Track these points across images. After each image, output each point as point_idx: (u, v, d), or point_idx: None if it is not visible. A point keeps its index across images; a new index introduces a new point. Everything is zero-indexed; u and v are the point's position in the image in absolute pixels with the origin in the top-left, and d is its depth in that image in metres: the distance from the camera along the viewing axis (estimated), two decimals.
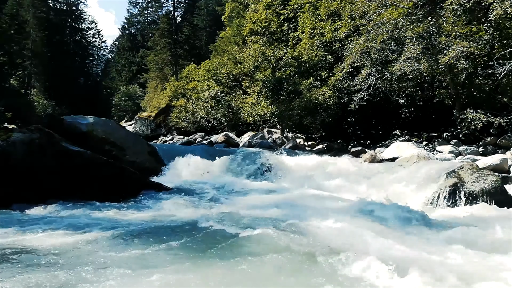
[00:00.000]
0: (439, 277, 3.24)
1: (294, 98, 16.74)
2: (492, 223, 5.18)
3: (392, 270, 3.35)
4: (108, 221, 5.15)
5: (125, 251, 3.90)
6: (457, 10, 11.76)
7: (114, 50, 59.32)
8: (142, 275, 3.26)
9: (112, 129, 10.07)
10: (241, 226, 4.86)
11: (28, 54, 33.84)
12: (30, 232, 4.54)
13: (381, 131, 15.30)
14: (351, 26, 15.78)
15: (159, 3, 52.20)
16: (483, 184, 6.71)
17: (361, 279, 3.27)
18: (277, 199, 7.07)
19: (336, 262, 3.59)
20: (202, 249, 3.94)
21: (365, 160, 11.45)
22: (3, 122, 18.71)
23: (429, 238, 4.64)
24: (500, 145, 11.47)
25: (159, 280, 3.17)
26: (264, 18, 20.90)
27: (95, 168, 7.08)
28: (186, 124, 26.43)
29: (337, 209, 6.06)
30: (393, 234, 4.70)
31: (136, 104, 42.32)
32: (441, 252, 4.02)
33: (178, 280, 3.17)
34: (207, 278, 3.22)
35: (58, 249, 3.94)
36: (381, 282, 3.22)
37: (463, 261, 3.71)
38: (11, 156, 6.32)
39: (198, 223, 4.99)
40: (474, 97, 12.48)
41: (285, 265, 3.55)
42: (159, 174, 9.81)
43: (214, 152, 12.67)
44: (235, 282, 3.18)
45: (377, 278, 3.26)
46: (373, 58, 14.12)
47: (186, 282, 3.14)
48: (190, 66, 29.67)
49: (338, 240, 4.38)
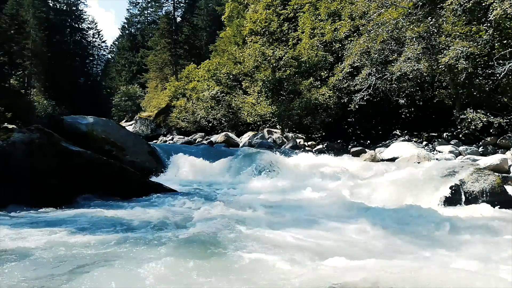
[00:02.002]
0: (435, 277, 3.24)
1: (294, 98, 16.75)
2: (491, 223, 5.18)
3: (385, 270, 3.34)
4: (108, 221, 5.15)
5: (124, 251, 3.90)
6: (457, 10, 11.76)
7: (114, 50, 59.41)
8: (142, 275, 3.26)
9: (112, 129, 10.09)
10: (241, 226, 4.86)
11: (28, 54, 33.85)
12: (29, 232, 4.53)
13: (381, 131, 15.30)
14: (351, 26, 15.78)
15: (159, 3, 52.23)
16: (483, 184, 6.71)
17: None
18: (277, 199, 7.06)
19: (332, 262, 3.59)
20: (202, 248, 3.94)
21: (365, 160, 11.45)
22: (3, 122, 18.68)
23: (428, 238, 4.64)
24: (500, 145, 11.47)
25: (159, 280, 3.17)
26: (264, 18, 20.90)
27: (95, 168, 7.08)
28: (186, 124, 26.44)
29: (337, 209, 6.05)
30: (392, 234, 4.70)
31: (136, 104, 42.35)
32: (441, 252, 4.03)
33: (179, 280, 3.17)
34: (206, 278, 3.23)
35: (58, 249, 3.94)
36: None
37: (463, 261, 3.71)
38: (11, 156, 6.32)
39: (198, 223, 4.99)
40: (474, 97, 12.48)
41: (283, 265, 3.55)
42: (159, 174, 9.82)
43: (214, 152, 12.69)
44: (235, 283, 3.18)
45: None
46: (373, 58, 14.12)
47: (186, 282, 3.15)
48: (190, 66, 29.69)
49: (338, 241, 4.39)
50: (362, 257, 3.57)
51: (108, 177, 7.15)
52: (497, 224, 5.11)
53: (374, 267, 3.31)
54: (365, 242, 4.38)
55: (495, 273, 3.31)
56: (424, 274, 3.15)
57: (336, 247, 4.14)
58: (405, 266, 3.36)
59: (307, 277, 3.21)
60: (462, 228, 4.96)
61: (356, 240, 4.44)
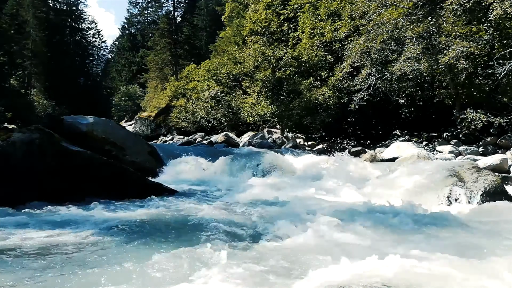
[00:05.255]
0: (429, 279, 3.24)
1: (294, 98, 16.75)
2: (491, 224, 5.18)
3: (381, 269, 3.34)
4: (108, 221, 5.15)
5: (124, 251, 3.91)
6: (457, 10, 11.77)
7: (114, 50, 59.44)
8: (143, 275, 3.27)
9: (112, 129, 10.07)
10: (241, 226, 4.86)
11: (28, 54, 33.86)
12: (29, 232, 4.54)
13: (381, 131, 15.31)
14: (351, 26, 15.79)
15: (159, 3, 52.30)
16: (483, 184, 6.71)
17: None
18: (277, 199, 7.06)
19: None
20: (202, 248, 3.94)
21: (365, 160, 11.46)
22: (3, 122, 18.75)
23: (427, 238, 4.64)
24: (500, 145, 11.47)
25: (159, 280, 3.18)
26: (264, 18, 20.91)
27: (95, 168, 7.08)
28: (186, 124, 26.46)
29: (337, 209, 6.05)
30: (390, 235, 4.70)
31: (136, 104, 42.39)
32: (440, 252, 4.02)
33: (179, 280, 3.17)
34: (206, 278, 3.23)
35: (58, 250, 3.94)
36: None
37: (462, 260, 3.71)
38: (11, 156, 6.32)
39: (198, 222, 5.00)
40: (474, 97, 12.48)
41: (280, 266, 3.56)
42: (159, 174, 9.81)
43: (214, 152, 12.68)
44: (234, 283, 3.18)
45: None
46: (373, 58, 14.12)
47: (185, 282, 3.15)
48: (190, 66, 29.72)
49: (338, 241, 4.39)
50: (362, 256, 3.57)
51: (108, 177, 7.15)
52: (497, 224, 5.11)
53: (374, 266, 3.31)
54: (366, 242, 4.38)
55: (495, 273, 3.31)
56: (427, 274, 3.16)
57: (337, 247, 4.13)
58: (406, 266, 3.36)
59: (308, 277, 3.21)
60: (462, 228, 4.96)
61: (356, 240, 4.43)
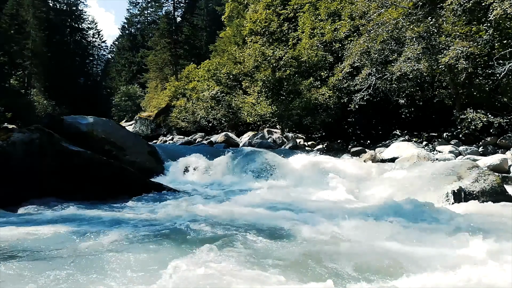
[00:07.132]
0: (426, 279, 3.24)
1: (294, 98, 16.75)
2: (491, 224, 5.18)
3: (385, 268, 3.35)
4: (108, 221, 5.15)
5: (124, 251, 3.90)
6: (457, 10, 11.77)
7: (114, 50, 59.44)
8: (142, 275, 3.27)
9: (112, 129, 10.06)
10: (241, 226, 4.86)
11: (28, 54, 33.87)
12: (29, 232, 4.53)
13: (381, 131, 15.31)
14: (351, 26, 15.79)
15: (159, 3, 52.26)
16: (483, 184, 6.71)
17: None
18: (277, 199, 7.06)
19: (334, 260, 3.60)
20: (202, 248, 3.94)
21: (365, 160, 11.46)
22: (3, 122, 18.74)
23: (426, 238, 4.64)
24: (500, 145, 11.47)
25: (159, 280, 3.18)
26: (264, 18, 20.91)
27: (95, 168, 7.08)
28: (186, 124, 26.47)
29: (338, 209, 6.05)
30: (390, 234, 4.70)
31: (136, 104, 42.41)
32: (439, 252, 4.03)
33: (179, 279, 3.17)
34: (206, 278, 3.23)
35: (58, 250, 3.94)
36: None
37: (461, 261, 3.71)
38: (11, 156, 6.32)
39: (198, 222, 5.00)
40: (474, 97, 12.49)
41: (285, 265, 3.56)
42: (159, 174, 9.80)
43: (214, 152, 12.66)
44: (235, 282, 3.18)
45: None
46: (373, 58, 14.13)
47: (186, 282, 3.15)
48: (190, 66, 29.74)
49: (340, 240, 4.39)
50: (363, 256, 3.57)
51: (108, 177, 7.15)
52: (497, 224, 5.11)
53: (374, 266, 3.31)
54: (366, 241, 4.38)
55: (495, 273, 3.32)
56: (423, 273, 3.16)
57: (338, 247, 4.14)
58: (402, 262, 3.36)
59: (307, 278, 3.21)
60: (462, 228, 4.96)
61: (356, 240, 4.44)
